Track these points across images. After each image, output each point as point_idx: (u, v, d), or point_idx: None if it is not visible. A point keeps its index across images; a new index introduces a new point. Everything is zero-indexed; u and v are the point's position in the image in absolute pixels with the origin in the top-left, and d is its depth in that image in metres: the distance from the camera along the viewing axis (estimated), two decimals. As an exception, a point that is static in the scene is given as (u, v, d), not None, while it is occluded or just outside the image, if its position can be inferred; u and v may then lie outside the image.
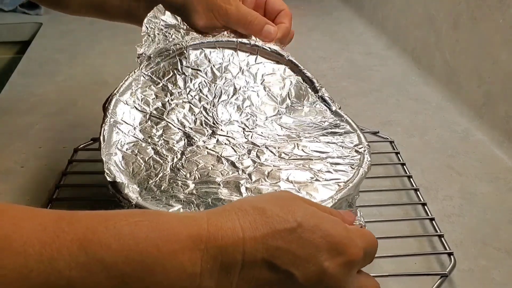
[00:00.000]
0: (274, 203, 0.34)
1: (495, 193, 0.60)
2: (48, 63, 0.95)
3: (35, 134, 0.71)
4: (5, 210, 0.30)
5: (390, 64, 0.98)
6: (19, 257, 0.27)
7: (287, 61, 0.59)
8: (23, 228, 0.28)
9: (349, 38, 1.13)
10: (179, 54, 0.56)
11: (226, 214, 0.33)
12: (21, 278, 0.27)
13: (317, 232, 0.33)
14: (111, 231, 0.30)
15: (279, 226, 0.32)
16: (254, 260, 0.31)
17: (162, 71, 0.55)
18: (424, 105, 0.81)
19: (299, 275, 0.32)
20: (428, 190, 0.60)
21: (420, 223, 0.55)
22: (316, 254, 0.33)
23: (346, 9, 1.32)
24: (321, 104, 0.57)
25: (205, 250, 0.31)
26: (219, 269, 0.31)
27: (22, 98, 0.82)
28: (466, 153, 0.68)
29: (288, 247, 0.32)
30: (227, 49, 0.58)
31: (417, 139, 0.72)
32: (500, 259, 0.50)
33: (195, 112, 0.53)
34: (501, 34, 0.70)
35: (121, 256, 0.29)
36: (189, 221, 0.32)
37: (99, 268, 0.29)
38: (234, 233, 0.32)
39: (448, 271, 0.46)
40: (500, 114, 0.70)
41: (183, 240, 0.31)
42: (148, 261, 0.29)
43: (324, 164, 0.48)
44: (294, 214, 0.33)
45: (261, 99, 0.56)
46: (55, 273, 0.28)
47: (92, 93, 0.83)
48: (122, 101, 0.51)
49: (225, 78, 0.56)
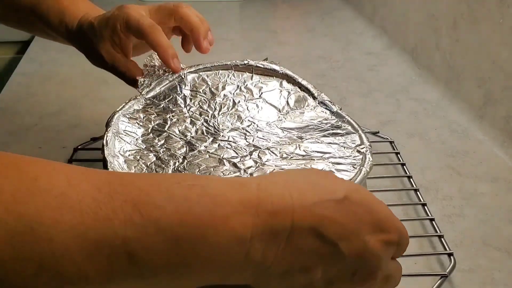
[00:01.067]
0: (320, 175, 0.35)
1: (495, 193, 0.60)
2: (48, 63, 0.95)
3: (35, 134, 0.71)
4: (60, 169, 0.30)
5: (390, 64, 0.98)
6: (76, 214, 0.27)
7: (282, 74, 0.60)
8: (79, 187, 0.28)
9: (349, 38, 1.13)
10: (178, 81, 0.58)
11: (275, 181, 0.33)
12: (79, 235, 0.27)
13: (363, 206, 0.33)
14: (164, 193, 0.30)
15: (328, 197, 0.32)
16: (301, 228, 0.31)
17: (162, 95, 0.56)
18: (424, 105, 0.81)
19: (344, 246, 0.32)
20: (428, 190, 0.60)
21: (420, 223, 0.55)
22: (361, 228, 0.33)
23: (346, 9, 1.32)
24: (322, 108, 0.57)
25: (255, 215, 0.31)
26: (269, 233, 0.31)
27: (22, 98, 0.82)
28: (466, 153, 0.68)
29: (336, 218, 0.32)
30: (222, 70, 0.60)
31: (417, 139, 0.72)
32: (500, 259, 0.50)
33: (196, 124, 0.54)
34: (501, 34, 0.70)
35: (175, 219, 0.29)
36: (240, 187, 0.32)
37: (154, 229, 0.28)
38: (283, 200, 0.31)
39: (448, 271, 0.46)
40: (501, 114, 0.70)
41: (235, 205, 0.31)
42: (201, 225, 0.29)
43: (326, 164, 0.48)
44: (341, 186, 0.34)
45: (261, 108, 0.57)
46: (110, 232, 0.28)
47: (92, 93, 0.83)
48: (124, 117, 0.52)
49: (223, 95, 0.58)
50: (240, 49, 1.08)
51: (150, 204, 0.29)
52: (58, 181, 0.28)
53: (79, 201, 0.28)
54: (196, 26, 0.57)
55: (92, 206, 0.28)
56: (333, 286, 0.34)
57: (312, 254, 0.32)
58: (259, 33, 1.18)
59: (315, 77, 0.91)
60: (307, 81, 0.60)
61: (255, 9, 1.35)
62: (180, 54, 0.58)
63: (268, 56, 0.65)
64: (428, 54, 0.91)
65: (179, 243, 0.29)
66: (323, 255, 0.32)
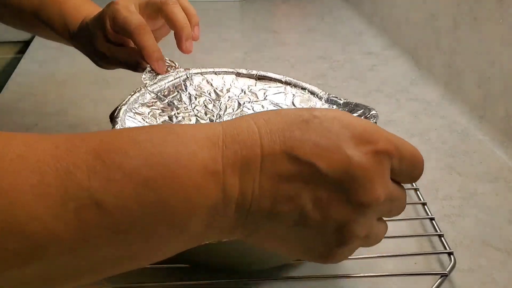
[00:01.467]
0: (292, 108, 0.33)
1: (495, 193, 0.60)
2: (48, 63, 0.96)
3: (35, 134, 0.71)
4: (16, 135, 0.29)
5: (390, 64, 0.98)
6: (35, 174, 0.26)
7: (286, 81, 0.60)
8: (36, 148, 0.27)
9: (349, 38, 1.13)
10: (183, 79, 0.58)
11: (240, 118, 0.32)
12: (40, 194, 0.26)
13: (337, 121, 0.31)
14: (126, 138, 0.29)
15: (295, 120, 0.31)
16: (273, 153, 0.30)
17: (167, 91, 0.56)
18: (424, 105, 0.81)
19: (322, 165, 0.29)
20: (428, 190, 0.60)
21: (420, 222, 0.55)
22: (338, 143, 0.30)
23: (347, 8, 1.32)
24: (329, 104, 0.57)
25: (223, 146, 0.29)
26: (240, 165, 0.29)
27: (22, 98, 0.82)
28: (466, 153, 0.68)
29: (307, 137, 0.30)
30: (227, 75, 0.60)
31: (417, 139, 0.72)
32: (500, 258, 0.50)
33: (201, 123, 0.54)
34: (501, 34, 0.70)
35: (140, 160, 0.28)
36: (203, 126, 0.31)
37: (119, 174, 0.27)
38: (249, 130, 0.30)
39: (448, 271, 0.46)
40: (500, 114, 0.70)
41: (201, 140, 0.30)
42: (169, 163, 0.28)
43: None
44: (310, 110, 0.32)
45: (267, 109, 0.57)
46: (74, 185, 0.26)
47: (92, 93, 0.83)
48: (129, 112, 0.52)
49: (228, 96, 0.58)
50: (240, 49, 1.08)
51: (112, 150, 0.28)
52: (14, 145, 0.27)
53: (37, 161, 0.26)
54: (179, 26, 0.56)
55: (51, 163, 0.26)
56: (329, 214, 0.30)
57: (292, 181, 0.30)
58: (259, 33, 1.18)
59: (315, 77, 0.91)
60: (313, 85, 0.59)
61: (255, 9, 1.35)
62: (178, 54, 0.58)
63: (268, 56, 0.65)
64: (428, 54, 0.91)
65: (149, 184, 0.27)
66: (304, 179, 0.30)
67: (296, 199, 0.30)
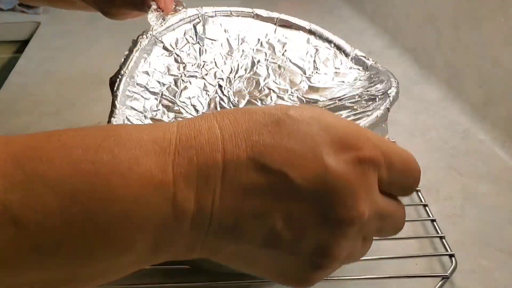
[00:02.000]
0: (264, 107, 0.28)
1: (497, 194, 0.60)
2: (46, 63, 0.95)
3: (34, 134, 0.70)
4: None
5: (391, 63, 0.97)
6: None
7: (310, 30, 0.53)
8: None
9: (349, 37, 1.12)
10: (195, 23, 0.52)
11: (201, 116, 0.27)
12: None
13: (314, 124, 0.26)
14: (54, 143, 0.24)
15: (265, 120, 0.26)
16: (237, 160, 0.25)
17: (175, 38, 0.50)
18: (425, 105, 0.81)
19: (295, 175, 0.25)
20: (429, 190, 0.60)
21: (421, 224, 0.54)
22: (315, 149, 0.25)
23: (347, 7, 1.32)
24: (355, 66, 0.51)
25: (175, 152, 0.25)
26: (197, 175, 0.25)
27: (20, 98, 0.81)
28: (467, 153, 0.68)
29: (278, 142, 0.25)
30: (244, 17, 0.53)
31: (418, 139, 0.71)
32: (502, 260, 0.50)
33: (209, 92, 0.49)
34: (502, 34, 0.70)
35: (67, 169, 0.23)
36: (153, 127, 0.26)
37: (40, 185, 0.23)
38: (210, 131, 0.25)
39: (450, 272, 0.46)
40: (502, 113, 0.70)
41: (146, 144, 0.25)
42: (103, 171, 0.23)
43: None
44: (284, 108, 0.27)
45: (282, 72, 0.51)
46: None
47: (92, 93, 0.83)
48: (131, 79, 0.47)
49: (242, 50, 0.51)
50: (239, 49, 1.08)
51: (36, 158, 0.23)
52: None
53: None
54: None
55: None
56: (303, 234, 0.26)
57: (259, 195, 0.25)
58: (259, 32, 1.17)
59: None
60: (339, 37, 0.53)
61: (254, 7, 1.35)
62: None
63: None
64: (429, 54, 0.90)
65: (77, 197, 0.23)
66: (273, 192, 0.25)
67: (264, 216, 0.25)
